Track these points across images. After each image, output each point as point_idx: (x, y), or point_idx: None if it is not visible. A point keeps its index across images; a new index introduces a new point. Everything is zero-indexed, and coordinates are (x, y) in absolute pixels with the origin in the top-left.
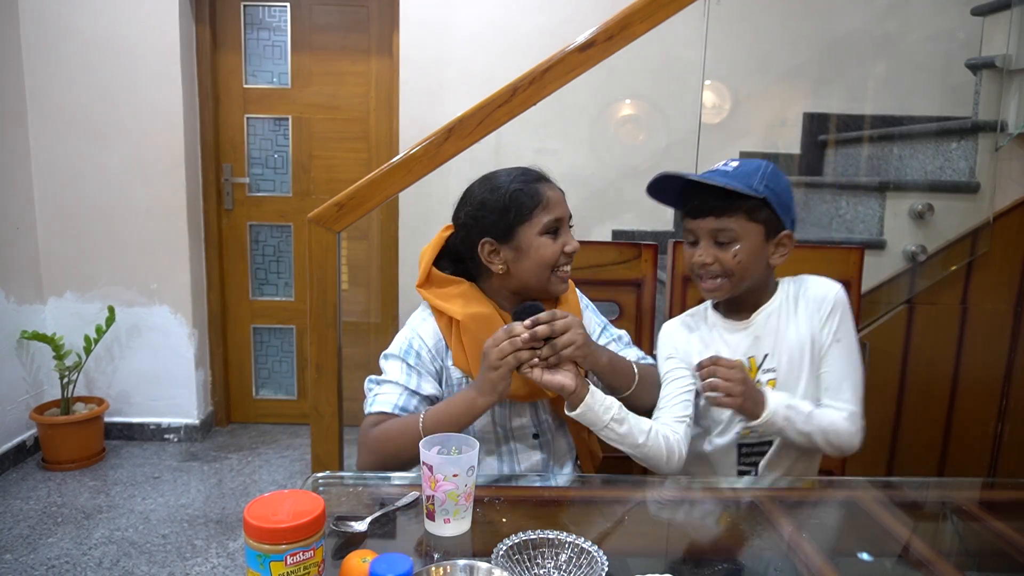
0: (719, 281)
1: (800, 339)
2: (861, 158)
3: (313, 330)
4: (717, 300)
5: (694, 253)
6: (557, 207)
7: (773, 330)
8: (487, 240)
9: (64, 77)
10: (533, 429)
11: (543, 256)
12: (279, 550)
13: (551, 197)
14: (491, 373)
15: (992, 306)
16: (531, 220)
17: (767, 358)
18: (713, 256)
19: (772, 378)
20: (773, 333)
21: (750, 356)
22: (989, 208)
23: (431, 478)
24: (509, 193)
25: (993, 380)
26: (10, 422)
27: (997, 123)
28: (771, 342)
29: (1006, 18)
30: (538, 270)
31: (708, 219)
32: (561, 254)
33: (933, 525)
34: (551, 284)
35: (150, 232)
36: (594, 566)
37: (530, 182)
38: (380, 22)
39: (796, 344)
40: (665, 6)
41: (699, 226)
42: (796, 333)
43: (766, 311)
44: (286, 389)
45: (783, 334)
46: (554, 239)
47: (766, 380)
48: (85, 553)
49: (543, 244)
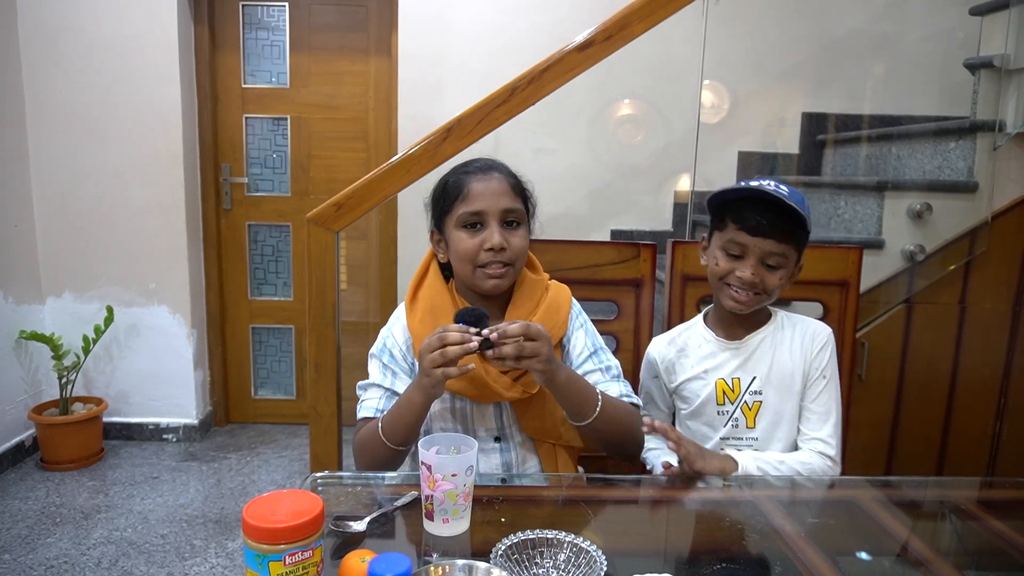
0: (752, 298)
1: (791, 369)
2: (860, 158)
3: (312, 330)
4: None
5: (736, 267)
6: (479, 200)
7: (766, 356)
8: (432, 228)
9: (63, 77)
10: (495, 432)
11: (458, 251)
12: (278, 550)
13: (474, 189)
14: (423, 379)
15: (990, 305)
16: (451, 212)
17: (754, 381)
18: (761, 277)
19: (758, 400)
20: (766, 358)
21: (735, 377)
22: (987, 207)
23: (430, 478)
24: (442, 183)
25: (991, 379)
26: (8, 422)
27: (995, 123)
28: (761, 367)
29: (1004, 18)
30: (460, 265)
31: (768, 241)
32: (482, 251)
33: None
34: (476, 280)
35: (149, 232)
36: (593, 566)
37: (463, 173)
38: (379, 22)
39: (787, 372)
40: (663, 6)
41: (756, 244)
42: (788, 362)
43: (760, 335)
44: (285, 389)
45: (774, 361)
46: (472, 234)
47: (752, 402)
48: (84, 553)
49: (459, 238)
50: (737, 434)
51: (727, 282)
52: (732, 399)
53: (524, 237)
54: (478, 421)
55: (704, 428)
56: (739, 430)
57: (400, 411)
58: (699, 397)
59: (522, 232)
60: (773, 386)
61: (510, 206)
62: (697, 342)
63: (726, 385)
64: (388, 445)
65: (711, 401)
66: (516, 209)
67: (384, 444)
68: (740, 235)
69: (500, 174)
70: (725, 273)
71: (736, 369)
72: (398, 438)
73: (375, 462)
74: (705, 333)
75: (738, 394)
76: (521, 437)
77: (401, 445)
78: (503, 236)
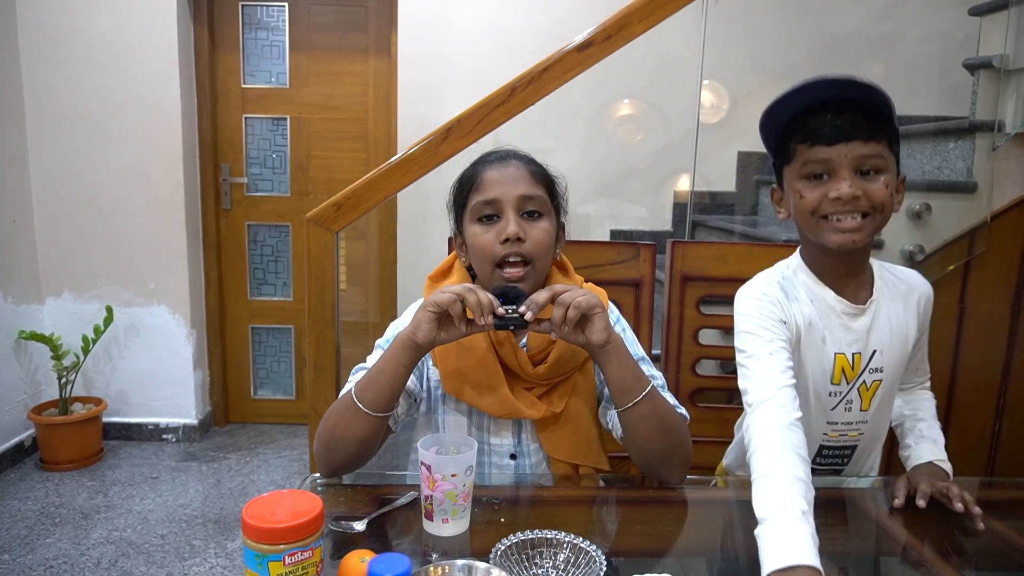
0: (865, 223)
1: (907, 334)
2: None
3: (311, 330)
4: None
5: (827, 188)
6: (493, 187)
7: (887, 323)
8: (453, 231)
9: (62, 77)
10: (512, 449)
11: (474, 247)
12: (277, 550)
13: (487, 177)
14: (419, 312)
15: (990, 305)
16: (467, 205)
17: (875, 356)
18: (863, 189)
19: (877, 380)
20: (884, 327)
21: (856, 352)
22: (987, 208)
23: (429, 478)
24: (458, 179)
25: (990, 379)
26: (8, 422)
27: (995, 123)
28: (882, 337)
29: (1003, 18)
30: (479, 265)
31: (854, 143)
32: (497, 243)
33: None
34: (495, 282)
35: (148, 232)
36: (592, 566)
37: (479, 163)
38: (378, 22)
39: (903, 340)
40: (663, 6)
41: (841, 152)
42: (903, 328)
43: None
44: (284, 389)
45: (892, 328)
46: (488, 225)
47: (871, 382)
48: (83, 553)
49: (474, 233)
50: (848, 418)
51: (823, 214)
52: (850, 378)
53: (546, 230)
54: (494, 436)
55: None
56: (851, 413)
57: (382, 364)
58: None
59: (544, 224)
60: (893, 359)
61: (528, 193)
62: (806, 295)
63: (846, 362)
64: (359, 407)
65: (824, 379)
66: (536, 196)
67: (355, 406)
68: (817, 150)
69: (519, 161)
70: (817, 203)
71: (857, 341)
72: (369, 395)
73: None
74: (816, 286)
75: (857, 372)
76: (539, 456)
77: (372, 408)
78: (520, 225)
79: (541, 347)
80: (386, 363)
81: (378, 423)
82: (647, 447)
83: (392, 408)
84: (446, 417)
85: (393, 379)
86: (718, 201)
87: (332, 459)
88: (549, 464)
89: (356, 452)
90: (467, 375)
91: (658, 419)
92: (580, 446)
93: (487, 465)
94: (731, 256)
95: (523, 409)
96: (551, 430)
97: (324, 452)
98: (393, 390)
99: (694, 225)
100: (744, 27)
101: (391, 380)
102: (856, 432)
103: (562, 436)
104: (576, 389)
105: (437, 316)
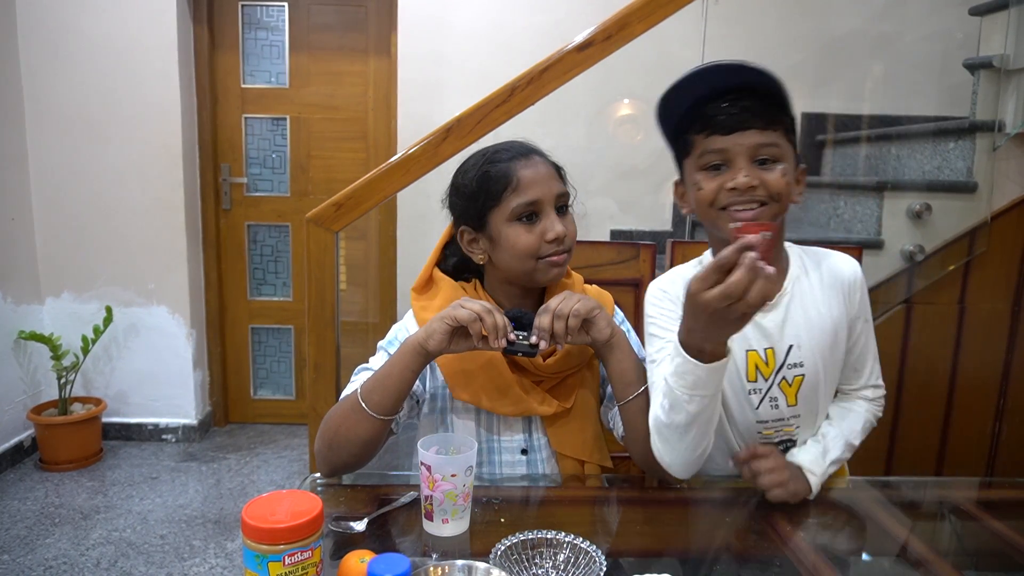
0: (761, 209)
1: (833, 325)
2: (859, 158)
3: (311, 330)
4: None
5: (724, 179)
6: (533, 188)
7: (798, 313)
8: (464, 228)
9: (61, 77)
10: (523, 444)
11: (516, 246)
12: (277, 550)
13: (524, 177)
14: (436, 322)
15: (990, 305)
16: (500, 205)
17: (792, 351)
18: (758, 177)
19: (799, 374)
20: (799, 317)
21: (768, 347)
22: (987, 208)
23: (429, 478)
24: (479, 174)
25: (991, 379)
26: (7, 423)
27: (995, 123)
28: (798, 329)
29: (1004, 18)
30: (518, 261)
31: (749, 132)
32: (543, 243)
33: (931, 525)
34: (537, 274)
35: (148, 232)
36: (592, 566)
37: (503, 160)
38: (378, 22)
39: (827, 331)
40: (663, 6)
41: (736, 143)
42: (827, 317)
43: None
44: (284, 389)
45: (810, 318)
46: (530, 225)
47: (792, 377)
48: (83, 554)
49: (515, 233)
50: (776, 415)
51: (721, 205)
52: (766, 375)
53: (574, 221)
54: (504, 433)
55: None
56: (779, 410)
57: (389, 368)
58: None
59: (571, 216)
60: (814, 351)
61: (561, 190)
62: None
63: (759, 358)
64: (364, 409)
65: (739, 375)
66: (565, 192)
67: (360, 408)
68: (714, 140)
69: (541, 157)
70: (715, 193)
71: (766, 336)
72: (375, 398)
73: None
74: None
75: (773, 368)
76: (548, 452)
77: (377, 410)
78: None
79: None
80: (393, 367)
81: (382, 425)
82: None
83: (397, 411)
84: (455, 416)
85: (400, 383)
86: None
87: (334, 459)
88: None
89: (359, 453)
90: (475, 376)
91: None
92: (587, 442)
93: (498, 463)
94: None
95: (535, 406)
96: (559, 425)
97: (326, 452)
98: (399, 394)
99: (694, 225)
100: (744, 27)
101: (398, 384)
102: (791, 427)
103: (569, 431)
104: (584, 384)
105: (452, 329)
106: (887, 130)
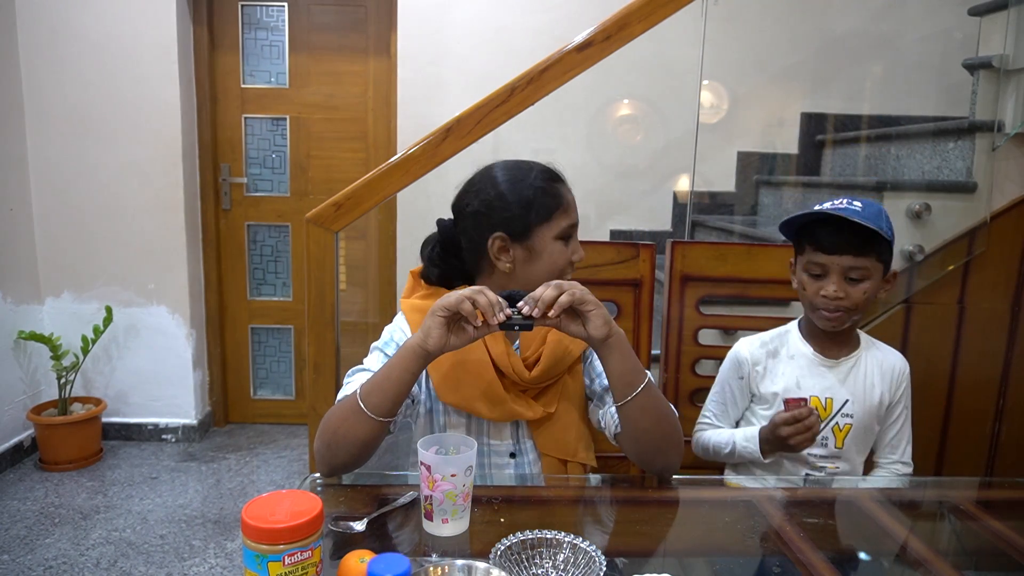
0: (842, 315)
1: (879, 395)
2: (859, 158)
3: (311, 330)
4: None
5: (820, 286)
6: (572, 212)
7: (858, 378)
8: (499, 235)
9: (61, 77)
10: (511, 448)
11: (555, 262)
12: (277, 550)
13: (570, 201)
14: (429, 319)
15: (989, 306)
16: (550, 222)
17: (847, 404)
18: (845, 292)
19: (849, 423)
20: (858, 381)
21: (828, 396)
22: (986, 208)
23: (429, 478)
24: (533, 189)
25: (990, 379)
26: (7, 422)
27: (994, 123)
28: (855, 389)
29: (1003, 18)
30: (546, 276)
31: (846, 256)
32: (568, 263)
33: (931, 524)
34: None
35: (148, 232)
36: (592, 566)
37: (553, 181)
38: (378, 22)
39: (874, 398)
40: (663, 6)
41: (834, 261)
42: (877, 388)
43: (854, 358)
44: (284, 389)
45: (865, 385)
46: (566, 245)
47: (843, 424)
48: (83, 554)
49: (557, 249)
50: (824, 452)
51: (815, 303)
52: (823, 417)
53: None
54: (493, 437)
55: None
56: (826, 449)
57: (388, 371)
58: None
59: None
60: (863, 409)
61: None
62: (791, 351)
63: (819, 403)
64: (363, 410)
65: None
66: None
67: (359, 409)
68: (817, 255)
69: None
70: (813, 294)
71: (829, 388)
72: (374, 399)
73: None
74: (801, 345)
75: (829, 413)
76: (535, 454)
77: (376, 412)
78: None
79: (533, 348)
80: (392, 369)
81: (381, 427)
82: (646, 439)
83: (396, 413)
84: (446, 418)
85: (399, 385)
86: (718, 201)
87: (333, 459)
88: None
89: (357, 453)
90: (463, 381)
91: (656, 410)
92: (570, 443)
93: (487, 465)
94: (731, 256)
95: (522, 411)
96: (544, 428)
97: (325, 452)
98: (398, 396)
99: (694, 225)
100: (744, 27)
101: (397, 386)
102: (833, 466)
103: (553, 433)
104: (566, 390)
105: (447, 320)
106: (887, 130)
